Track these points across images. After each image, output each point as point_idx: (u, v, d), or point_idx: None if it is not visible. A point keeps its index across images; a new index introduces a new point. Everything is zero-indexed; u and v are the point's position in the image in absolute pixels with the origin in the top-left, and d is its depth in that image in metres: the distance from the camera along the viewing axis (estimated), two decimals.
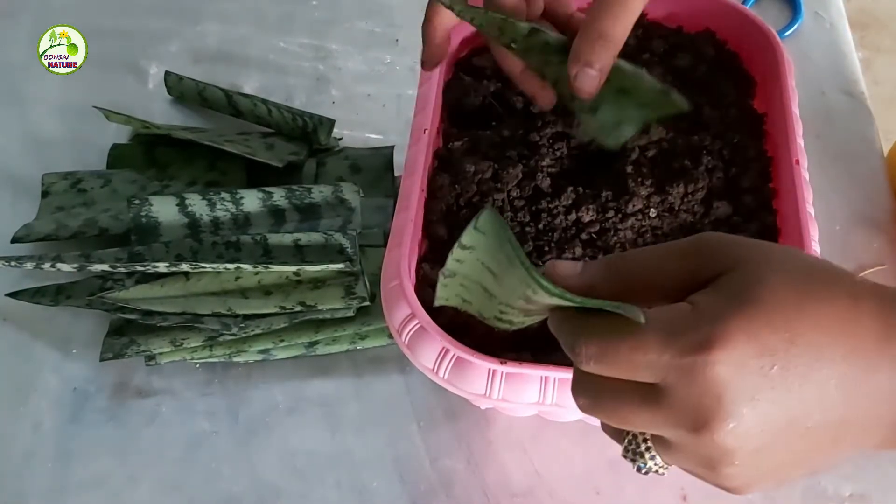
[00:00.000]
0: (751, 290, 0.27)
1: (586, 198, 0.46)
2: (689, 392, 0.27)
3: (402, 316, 0.41)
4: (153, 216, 0.55)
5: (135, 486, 0.50)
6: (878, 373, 0.27)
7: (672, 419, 0.28)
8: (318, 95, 0.67)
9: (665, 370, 0.27)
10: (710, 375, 0.26)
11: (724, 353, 0.26)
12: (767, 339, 0.27)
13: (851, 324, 0.28)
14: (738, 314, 0.27)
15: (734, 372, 0.26)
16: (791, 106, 0.49)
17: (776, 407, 0.27)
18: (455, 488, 0.49)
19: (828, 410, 0.27)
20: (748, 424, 0.27)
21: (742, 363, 0.26)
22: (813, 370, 0.27)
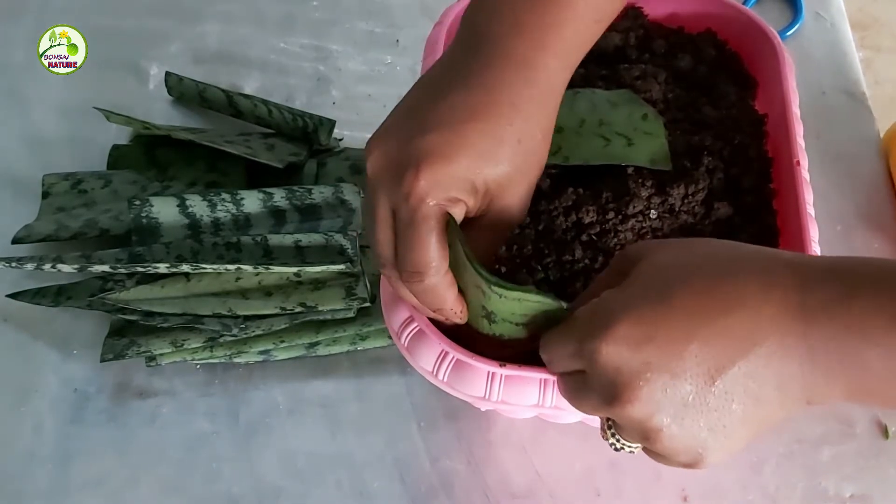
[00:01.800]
0: (641, 277, 0.33)
1: (586, 199, 0.46)
2: (597, 373, 0.32)
3: (401, 318, 0.41)
4: (154, 217, 0.55)
5: (135, 486, 0.50)
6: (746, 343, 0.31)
7: (597, 400, 0.33)
8: (318, 96, 0.67)
9: (581, 358, 0.33)
10: (601, 357, 0.31)
11: (610, 333, 0.31)
12: (648, 315, 0.31)
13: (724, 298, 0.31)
14: (626, 297, 0.32)
15: (623, 349, 0.31)
16: (792, 106, 0.49)
17: (672, 372, 0.31)
18: (455, 489, 0.49)
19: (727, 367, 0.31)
20: (652, 393, 0.31)
21: (629, 340, 0.31)
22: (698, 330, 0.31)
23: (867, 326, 0.30)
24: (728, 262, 0.33)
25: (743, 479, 0.50)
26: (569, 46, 0.38)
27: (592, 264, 0.44)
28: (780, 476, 0.50)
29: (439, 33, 0.50)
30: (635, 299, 0.32)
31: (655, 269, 0.33)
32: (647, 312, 0.31)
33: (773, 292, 0.31)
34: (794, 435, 0.51)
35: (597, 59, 0.53)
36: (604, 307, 0.33)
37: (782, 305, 0.31)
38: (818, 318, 0.30)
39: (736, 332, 0.31)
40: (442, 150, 0.34)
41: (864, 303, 0.30)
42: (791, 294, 0.31)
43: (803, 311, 0.31)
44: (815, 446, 0.51)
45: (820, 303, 0.30)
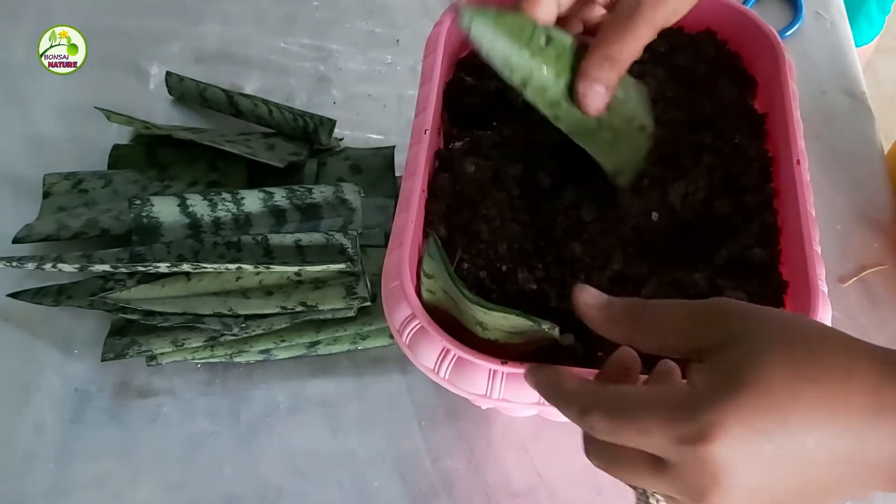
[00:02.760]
0: (746, 372, 0.29)
1: (587, 196, 0.47)
2: (689, 472, 0.30)
3: (402, 316, 0.41)
4: (154, 216, 0.55)
5: (136, 485, 0.50)
6: (867, 445, 0.29)
7: (675, 488, 0.31)
8: (318, 96, 0.67)
9: (668, 451, 0.30)
10: (707, 460, 0.29)
11: (719, 441, 0.29)
12: (760, 423, 0.29)
13: (842, 401, 0.29)
14: (732, 401, 0.29)
15: (729, 456, 0.29)
16: (792, 106, 0.49)
17: (768, 484, 0.29)
18: (456, 488, 0.49)
19: (814, 482, 0.30)
20: (741, 498, 0.30)
21: (736, 448, 0.29)
22: (803, 449, 0.29)
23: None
24: (842, 361, 0.30)
25: None
26: None
27: (593, 263, 0.44)
28: None
29: (440, 33, 0.50)
30: (740, 401, 0.29)
31: (762, 370, 0.29)
32: (762, 423, 0.29)
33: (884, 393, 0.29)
34: None
35: None
36: (709, 399, 0.29)
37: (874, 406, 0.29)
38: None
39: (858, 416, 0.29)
40: None
41: None
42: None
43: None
44: None
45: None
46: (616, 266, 0.44)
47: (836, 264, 0.57)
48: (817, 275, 0.41)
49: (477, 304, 0.37)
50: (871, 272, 0.57)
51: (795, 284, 0.43)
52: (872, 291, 0.57)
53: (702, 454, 0.29)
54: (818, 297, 0.40)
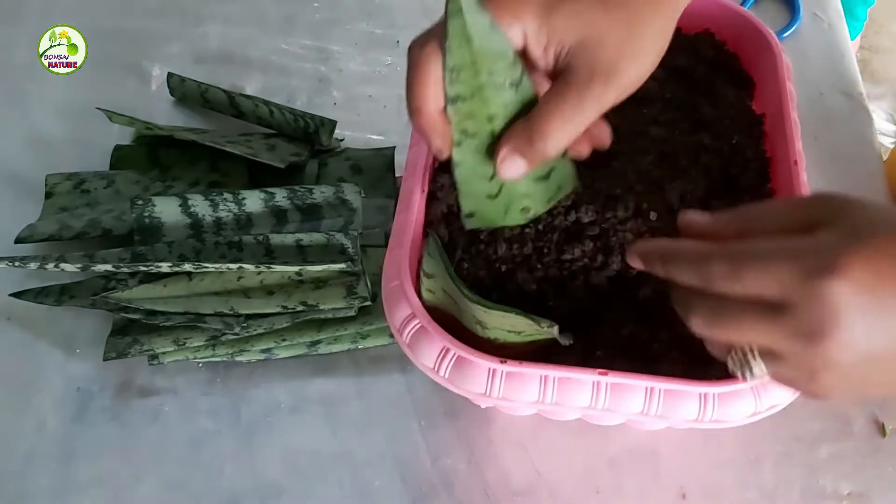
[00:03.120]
0: (868, 228, 0.31)
1: (586, 198, 0.47)
2: (810, 309, 0.30)
3: (402, 315, 0.41)
4: (156, 217, 0.55)
5: (138, 484, 0.50)
6: None
7: (790, 332, 0.31)
8: (319, 97, 0.67)
9: (790, 288, 0.31)
10: (832, 296, 0.30)
11: (845, 278, 0.30)
12: (884, 268, 0.30)
13: None
14: (858, 245, 0.30)
15: (853, 294, 0.30)
16: (789, 107, 0.49)
17: (884, 328, 0.30)
18: (456, 487, 0.50)
19: None
20: (857, 340, 0.30)
21: (860, 287, 0.30)
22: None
23: None
24: None
25: (741, 476, 0.50)
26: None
27: (592, 263, 0.44)
28: (779, 474, 0.50)
29: None
30: (872, 246, 0.30)
31: (883, 226, 0.31)
32: (886, 268, 0.30)
33: None
34: (792, 433, 0.51)
35: None
36: (833, 243, 0.31)
37: None
38: None
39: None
40: None
41: None
42: None
43: None
44: (812, 444, 0.51)
45: None
46: (615, 266, 0.44)
47: None
48: None
49: (477, 304, 0.37)
50: None
51: None
52: None
53: (826, 288, 0.30)
54: None
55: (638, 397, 0.39)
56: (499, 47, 0.33)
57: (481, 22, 0.32)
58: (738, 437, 0.51)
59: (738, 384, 0.39)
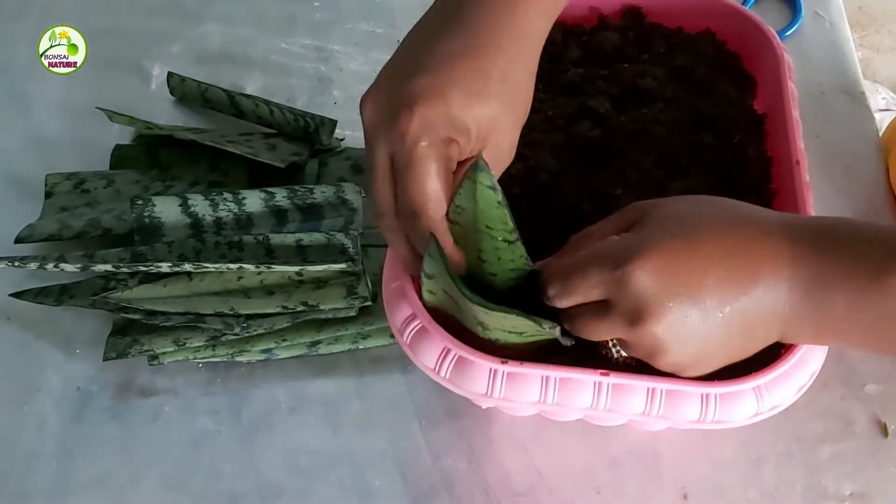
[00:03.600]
0: (659, 223, 0.38)
1: (586, 196, 0.47)
2: (623, 297, 0.36)
3: (403, 316, 0.41)
4: (156, 216, 0.55)
5: (138, 484, 0.50)
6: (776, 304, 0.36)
7: (618, 323, 0.37)
8: (319, 96, 0.67)
9: (606, 286, 0.37)
10: (634, 281, 0.36)
11: (642, 263, 0.36)
12: (674, 250, 0.36)
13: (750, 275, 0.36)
14: (651, 236, 0.37)
15: (653, 277, 0.36)
16: (791, 106, 0.49)
17: (691, 300, 0.36)
18: (456, 487, 0.50)
19: (732, 301, 0.36)
20: (672, 316, 0.36)
21: (657, 269, 0.36)
22: (712, 268, 0.36)
23: (835, 274, 0.35)
24: (736, 215, 0.38)
25: (743, 477, 0.50)
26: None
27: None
28: (780, 474, 0.50)
29: None
30: (662, 239, 0.36)
31: (674, 216, 0.38)
32: (674, 249, 0.36)
33: (772, 242, 0.37)
34: (793, 433, 0.51)
35: (596, 59, 0.54)
36: (633, 243, 0.37)
37: (777, 254, 0.36)
38: (800, 266, 0.36)
39: (743, 272, 0.36)
40: (433, 90, 0.36)
41: (836, 254, 0.36)
42: (783, 246, 0.36)
43: (791, 260, 0.36)
44: (814, 445, 0.51)
45: (802, 252, 0.36)
46: None
47: None
48: None
49: (478, 305, 0.37)
50: None
51: None
52: None
53: (631, 275, 0.35)
54: None
55: (639, 398, 0.39)
56: (500, 216, 0.37)
57: (492, 197, 0.36)
58: (740, 438, 0.51)
59: (740, 385, 0.39)
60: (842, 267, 0.35)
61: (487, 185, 0.36)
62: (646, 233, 0.38)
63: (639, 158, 0.48)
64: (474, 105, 0.36)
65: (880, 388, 0.53)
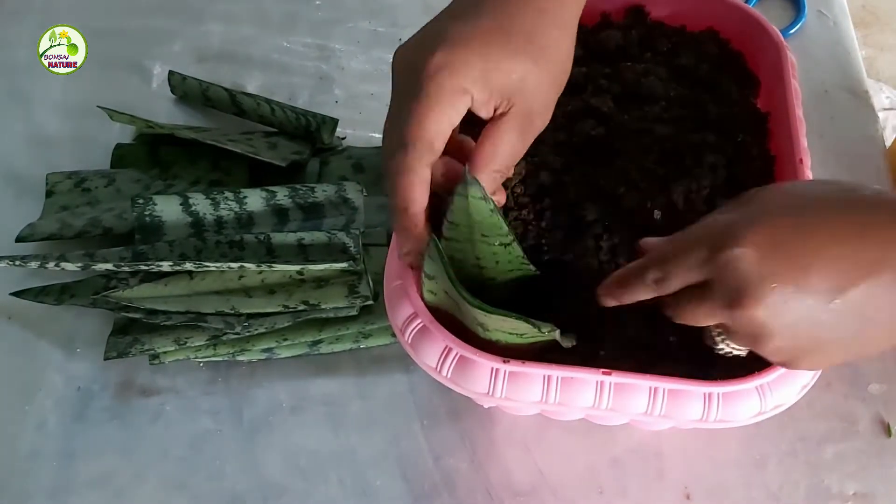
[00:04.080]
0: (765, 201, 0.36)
1: (589, 195, 0.47)
2: (724, 278, 0.34)
3: (404, 315, 0.41)
4: (157, 215, 0.55)
5: (139, 484, 0.50)
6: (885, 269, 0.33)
7: (720, 305, 0.34)
8: (321, 95, 0.67)
9: (706, 266, 0.35)
10: (735, 261, 0.33)
11: (744, 241, 0.33)
12: (780, 228, 0.34)
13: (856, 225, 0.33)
14: (755, 213, 0.35)
15: (755, 256, 0.33)
16: (794, 105, 0.49)
17: (796, 284, 0.33)
18: (458, 487, 0.49)
19: (849, 287, 0.33)
20: (774, 300, 0.33)
21: (760, 248, 0.33)
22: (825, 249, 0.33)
23: None
24: (857, 196, 0.35)
25: (746, 476, 0.50)
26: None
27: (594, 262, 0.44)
28: (784, 474, 0.50)
29: None
30: (767, 215, 0.34)
31: (784, 194, 0.36)
32: (780, 225, 0.34)
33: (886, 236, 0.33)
34: (797, 433, 0.51)
35: (599, 58, 0.53)
36: (736, 220, 0.35)
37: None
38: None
39: (865, 255, 0.33)
40: (458, 37, 0.36)
41: None
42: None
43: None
44: (818, 444, 0.51)
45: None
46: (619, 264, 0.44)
47: None
48: None
49: (477, 308, 0.37)
50: None
51: None
52: None
53: (732, 256, 0.33)
54: None
55: (642, 397, 0.39)
56: (494, 223, 0.37)
57: (485, 207, 0.36)
58: (743, 437, 0.50)
59: (743, 384, 0.39)
60: None
61: (479, 196, 0.36)
62: (750, 210, 0.35)
63: (641, 157, 0.48)
64: (497, 57, 0.36)
65: (884, 388, 0.53)
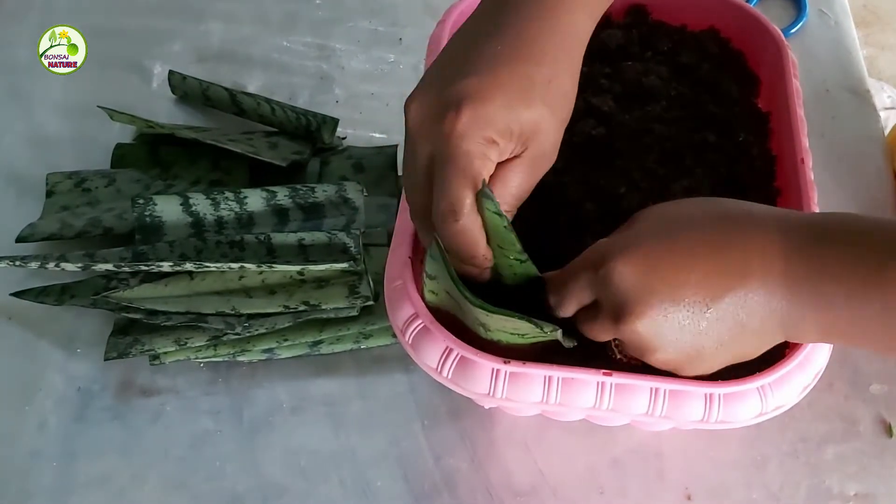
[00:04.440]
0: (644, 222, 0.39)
1: (589, 195, 0.46)
2: (607, 296, 0.37)
3: (405, 315, 0.41)
4: (157, 216, 0.55)
5: (139, 484, 0.50)
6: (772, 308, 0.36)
7: (607, 322, 0.38)
8: (321, 94, 0.67)
9: (592, 286, 0.38)
10: (615, 278, 0.36)
11: (623, 259, 0.36)
12: (655, 247, 0.37)
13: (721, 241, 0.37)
14: (634, 234, 0.38)
15: (633, 273, 0.36)
16: (795, 104, 0.49)
17: (672, 300, 0.36)
18: (458, 487, 0.49)
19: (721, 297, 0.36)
20: (654, 314, 0.36)
21: (637, 266, 0.36)
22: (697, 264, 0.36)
23: (834, 267, 0.35)
24: (722, 213, 0.38)
25: (747, 477, 0.50)
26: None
27: None
28: (784, 474, 0.50)
29: (442, 31, 0.50)
30: (644, 237, 0.37)
31: (658, 217, 0.39)
32: (656, 247, 0.37)
33: (761, 237, 0.36)
34: (797, 433, 0.51)
35: (600, 57, 0.53)
36: (616, 242, 0.38)
37: (768, 248, 0.36)
38: (795, 260, 0.35)
39: (729, 268, 0.36)
40: (480, 92, 0.36)
41: (834, 247, 0.35)
42: (775, 239, 0.36)
43: (784, 254, 0.36)
44: (818, 445, 0.51)
45: (797, 248, 0.36)
46: None
47: None
48: None
49: (479, 307, 0.37)
50: None
51: None
52: None
53: (610, 274, 0.36)
54: None
55: (643, 398, 0.38)
56: (509, 239, 0.38)
57: (499, 222, 0.37)
58: (744, 438, 0.50)
59: (744, 385, 0.39)
60: (840, 259, 0.35)
61: (493, 210, 0.36)
62: (631, 232, 0.38)
63: (642, 157, 0.48)
64: (518, 108, 0.36)
65: (885, 389, 0.53)
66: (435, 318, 0.40)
